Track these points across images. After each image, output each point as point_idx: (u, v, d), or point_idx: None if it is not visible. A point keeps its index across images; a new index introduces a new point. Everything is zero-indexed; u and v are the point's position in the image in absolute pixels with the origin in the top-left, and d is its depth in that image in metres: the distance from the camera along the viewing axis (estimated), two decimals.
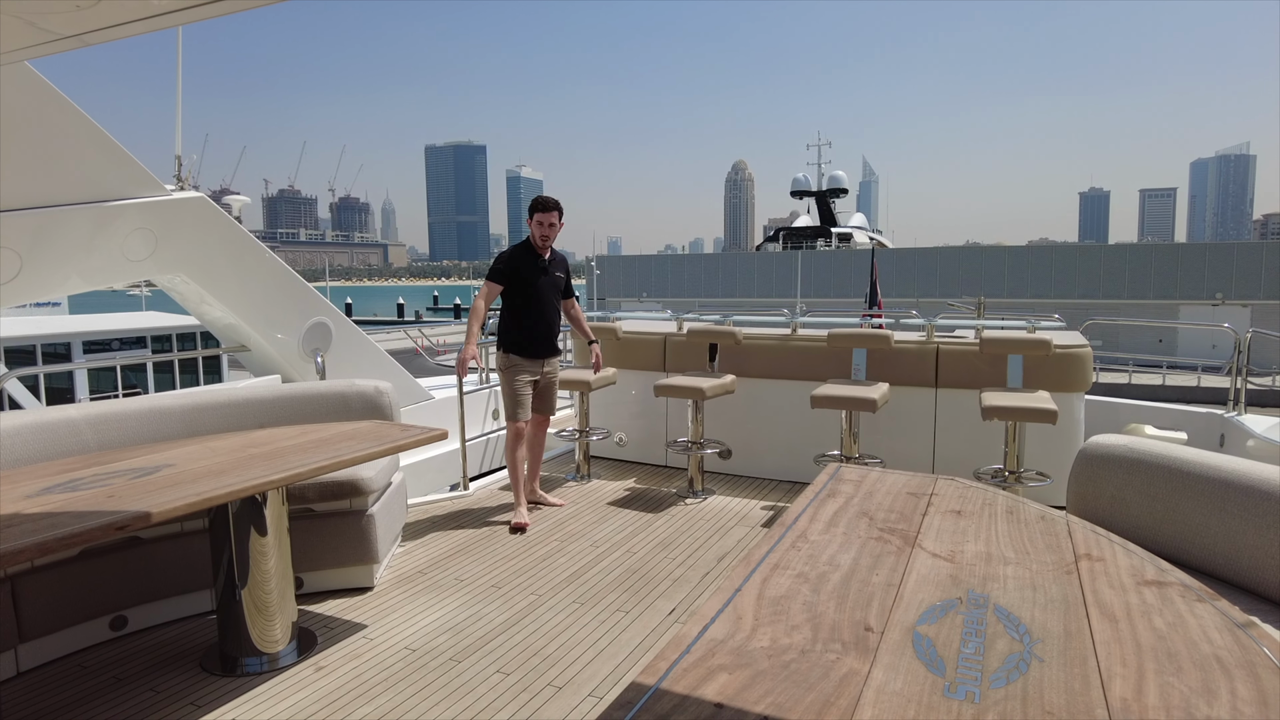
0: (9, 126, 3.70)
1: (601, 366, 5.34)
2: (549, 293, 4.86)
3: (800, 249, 40.42)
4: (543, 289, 4.82)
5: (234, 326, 5.14)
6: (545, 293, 4.83)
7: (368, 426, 3.55)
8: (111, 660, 3.17)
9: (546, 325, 4.86)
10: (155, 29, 2.83)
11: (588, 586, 3.78)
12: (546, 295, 4.84)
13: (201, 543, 3.44)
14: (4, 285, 3.86)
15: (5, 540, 2.12)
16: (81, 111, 3.99)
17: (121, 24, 2.76)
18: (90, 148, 4.08)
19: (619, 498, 5.21)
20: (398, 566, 4.07)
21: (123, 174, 4.26)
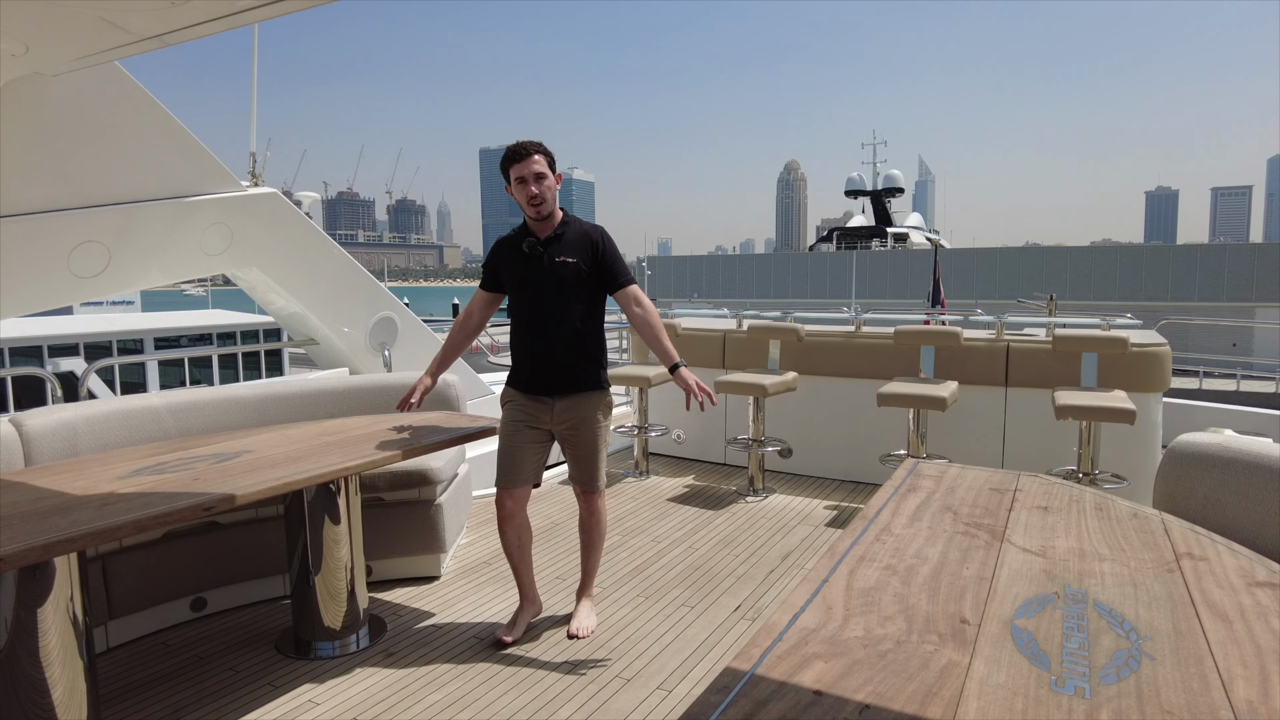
0: (99, 125, 3.84)
1: (704, 397, 3.03)
2: (557, 289, 3.10)
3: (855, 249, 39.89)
4: (542, 285, 3.10)
5: (303, 320, 5.26)
6: (547, 290, 3.10)
7: (438, 417, 3.59)
8: (193, 640, 3.26)
9: (551, 342, 3.12)
10: (232, 27, 2.91)
11: (651, 581, 3.76)
12: (550, 294, 3.10)
13: (276, 529, 3.52)
14: (95, 278, 4.01)
15: (104, 517, 2.20)
16: (165, 109, 4.13)
17: (201, 23, 2.84)
18: (172, 144, 4.21)
19: (678, 494, 5.19)
20: (463, 557, 4.11)
21: (201, 170, 4.39)
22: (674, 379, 3.10)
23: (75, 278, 3.95)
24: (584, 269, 3.12)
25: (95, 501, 2.38)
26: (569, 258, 3.10)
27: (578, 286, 3.12)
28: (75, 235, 3.88)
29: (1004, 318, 5.44)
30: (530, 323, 3.16)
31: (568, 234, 3.15)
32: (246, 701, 2.79)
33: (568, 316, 3.12)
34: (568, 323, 3.12)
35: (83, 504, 2.36)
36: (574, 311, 3.13)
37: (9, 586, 2.19)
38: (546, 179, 3.08)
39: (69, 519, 2.21)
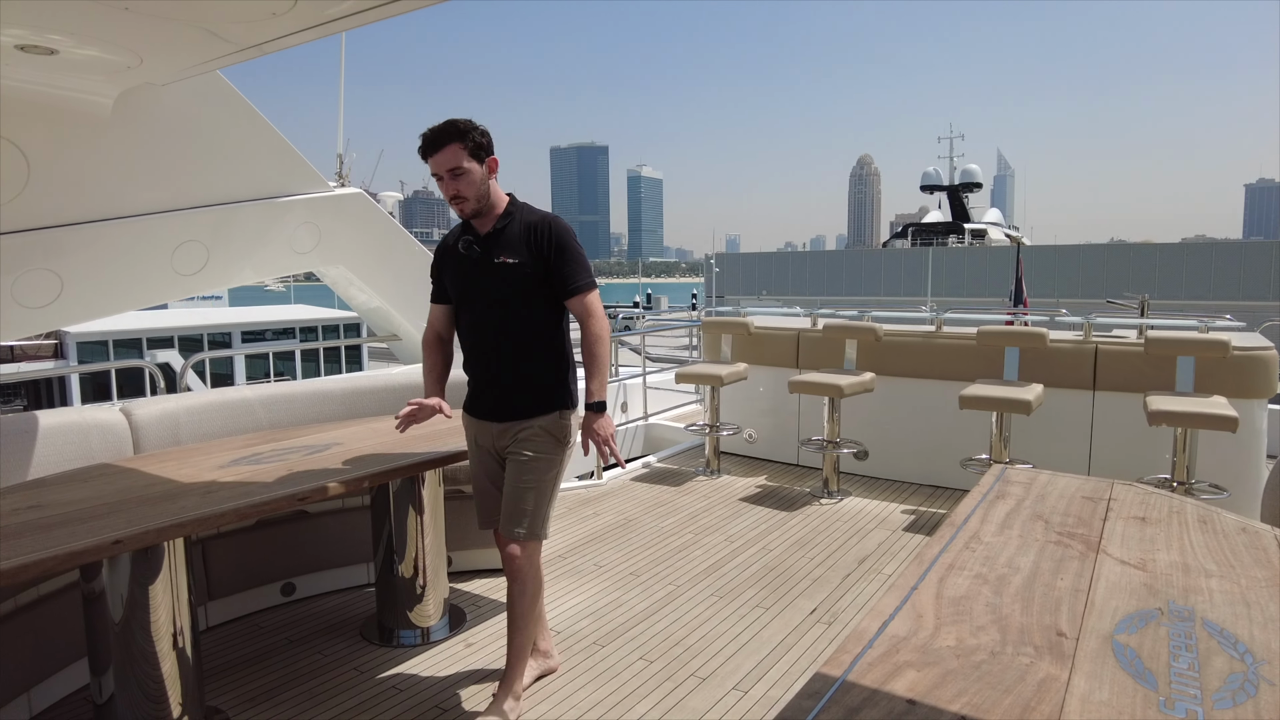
0: (200, 130, 4.03)
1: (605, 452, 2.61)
2: (496, 295, 2.59)
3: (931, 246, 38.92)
4: (480, 291, 2.62)
5: (387, 315, 5.42)
6: (485, 297, 2.61)
7: None
8: (283, 623, 3.40)
9: (492, 359, 2.63)
10: (322, 35, 3.01)
11: (726, 580, 3.76)
12: (489, 301, 2.60)
13: (362, 519, 3.64)
14: (194, 275, 4.22)
15: (208, 505, 2.31)
16: (259, 113, 4.30)
17: (295, 33, 2.94)
18: (265, 147, 4.39)
19: (751, 494, 5.16)
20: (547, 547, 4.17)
21: (292, 171, 4.57)
22: (585, 418, 2.61)
23: (177, 275, 4.16)
24: (528, 270, 2.56)
25: (199, 489, 2.51)
26: (509, 257, 2.56)
27: (521, 291, 2.56)
28: (178, 235, 4.08)
29: (1092, 318, 5.24)
30: (470, 335, 2.67)
31: (510, 228, 2.60)
32: (333, 685, 2.89)
33: (511, 327, 2.59)
34: (511, 335, 2.59)
35: (188, 491, 2.49)
36: (518, 321, 2.59)
37: (125, 566, 2.32)
38: (465, 174, 2.51)
39: (177, 505, 2.34)
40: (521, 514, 2.60)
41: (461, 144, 2.51)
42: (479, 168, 2.55)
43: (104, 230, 3.80)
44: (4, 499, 2.48)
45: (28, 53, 2.84)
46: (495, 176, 2.62)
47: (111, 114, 3.52)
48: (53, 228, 3.62)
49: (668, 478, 5.54)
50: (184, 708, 2.46)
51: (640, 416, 7.04)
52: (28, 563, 1.93)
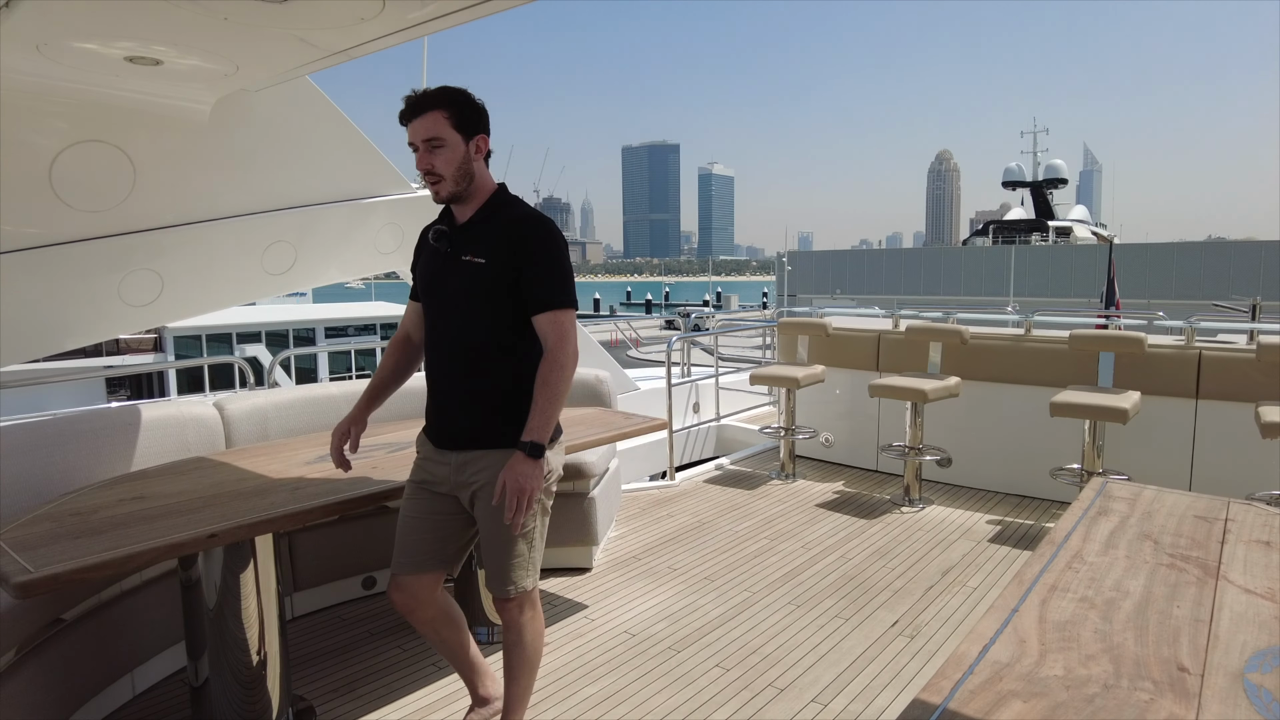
0: (290, 134, 4.15)
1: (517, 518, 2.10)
2: (459, 298, 2.23)
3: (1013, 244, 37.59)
4: (443, 292, 2.27)
5: None
6: (448, 299, 2.26)
7: (593, 413, 3.65)
8: (364, 616, 3.48)
9: (450, 375, 2.28)
10: (407, 40, 3.05)
11: (803, 588, 3.68)
12: (450, 305, 2.25)
13: None
14: (283, 275, 4.35)
15: (297, 501, 2.37)
16: (345, 116, 4.41)
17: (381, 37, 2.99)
18: (351, 150, 4.49)
19: (828, 500, 5.05)
20: (613, 550, 4.17)
21: (376, 173, 4.66)
22: (511, 462, 2.10)
23: (268, 274, 4.30)
24: (494, 274, 2.15)
25: (288, 485, 2.58)
26: (477, 255, 2.16)
27: (487, 297, 2.17)
28: (268, 236, 4.22)
29: (1194, 322, 4.95)
30: (428, 339, 2.33)
31: (488, 223, 2.20)
32: (413, 679, 2.94)
33: (473, 338, 2.19)
34: (473, 347, 2.20)
35: (278, 487, 2.56)
36: (480, 331, 2.19)
37: (218, 556, 2.40)
38: (444, 147, 2.12)
39: (267, 500, 2.40)
40: (509, 571, 2.25)
41: (445, 111, 2.12)
42: (462, 143, 2.15)
43: (200, 232, 3.95)
44: (113, 489, 2.60)
45: (135, 64, 2.96)
46: (483, 160, 2.23)
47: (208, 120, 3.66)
48: (154, 230, 3.78)
49: (741, 480, 5.47)
50: (273, 695, 2.53)
51: (712, 417, 6.97)
52: (133, 553, 2.01)
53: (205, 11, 2.47)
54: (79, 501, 2.47)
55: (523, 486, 2.07)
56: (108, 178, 3.50)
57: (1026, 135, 50.64)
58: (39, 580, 1.86)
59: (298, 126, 4.17)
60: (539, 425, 2.11)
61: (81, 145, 3.34)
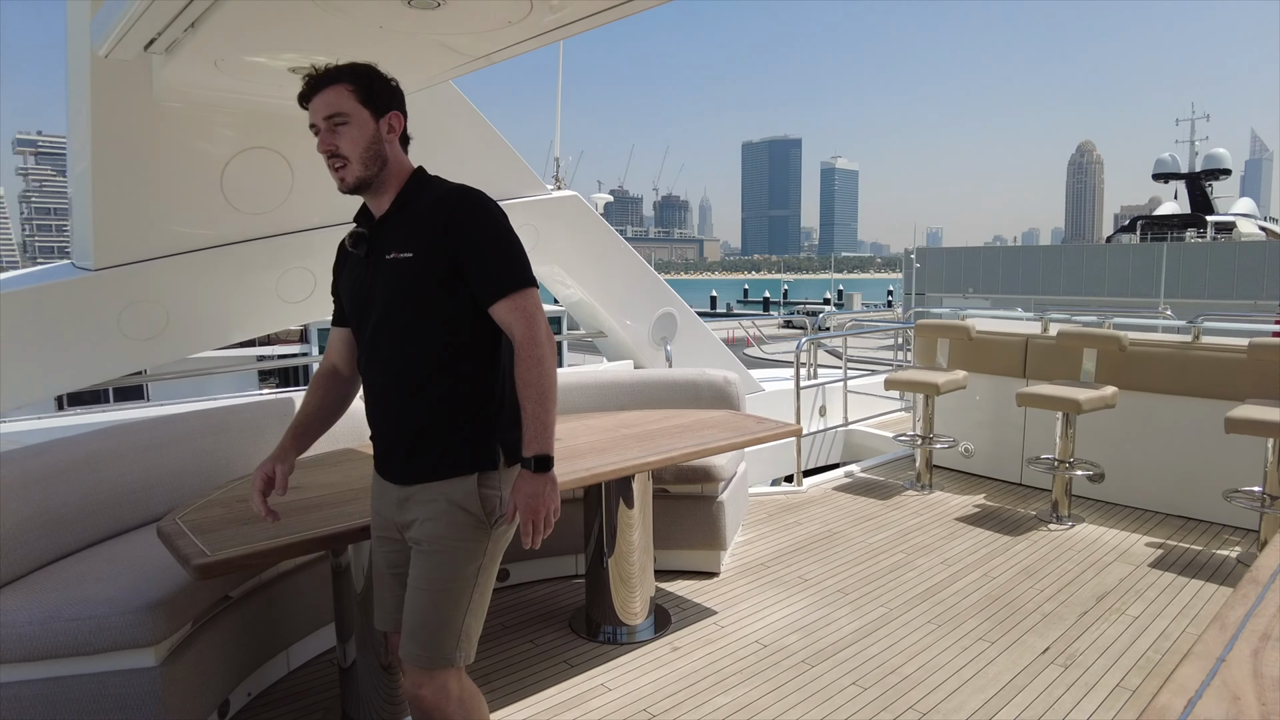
0: (433, 138, 4.29)
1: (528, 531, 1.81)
2: (385, 304, 1.87)
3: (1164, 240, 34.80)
4: (367, 299, 1.92)
5: (594, 312, 5.55)
6: (370, 309, 1.91)
7: (724, 416, 3.60)
8: (498, 608, 3.55)
9: (381, 394, 1.92)
10: (544, 44, 3.07)
11: (944, 606, 3.49)
12: (375, 313, 1.89)
13: (571, 510, 3.72)
14: None
15: None
16: (485, 119, 4.52)
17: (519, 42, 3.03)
18: (490, 152, 4.61)
19: (968, 514, 4.79)
20: (741, 555, 4.10)
21: (514, 175, 4.77)
22: (517, 479, 1.82)
23: None
24: (422, 267, 1.82)
25: None
26: (401, 250, 1.83)
27: (415, 297, 1.83)
28: None
29: None
30: (361, 362, 1.97)
31: (409, 210, 1.88)
32: (545, 675, 2.97)
33: (405, 349, 1.86)
34: (406, 359, 1.86)
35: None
36: (414, 341, 1.85)
37: (365, 545, 2.49)
38: (348, 124, 1.83)
39: None
40: (421, 629, 1.81)
41: (350, 85, 1.84)
42: (371, 120, 1.85)
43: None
44: None
45: (296, 74, 3.12)
46: (398, 142, 1.92)
47: None
48: (308, 230, 3.99)
49: (873, 489, 5.27)
50: None
51: (840, 422, 6.77)
52: (294, 542, 2.12)
53: (363, 21, 2.56)
54: (243, 490, 2.63)
55: (535, 506, 1.78)
56: (270, 182, 3.72)
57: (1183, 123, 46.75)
58: (216, 563, 1.99)
59: (441, 129, 4.31)
60: (536, 435, 1.79)
61: (249, 152, 3.56)
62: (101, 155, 3.20)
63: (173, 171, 3.38)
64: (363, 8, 2.46)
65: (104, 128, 3.14)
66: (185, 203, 3.51)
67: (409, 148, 2.00)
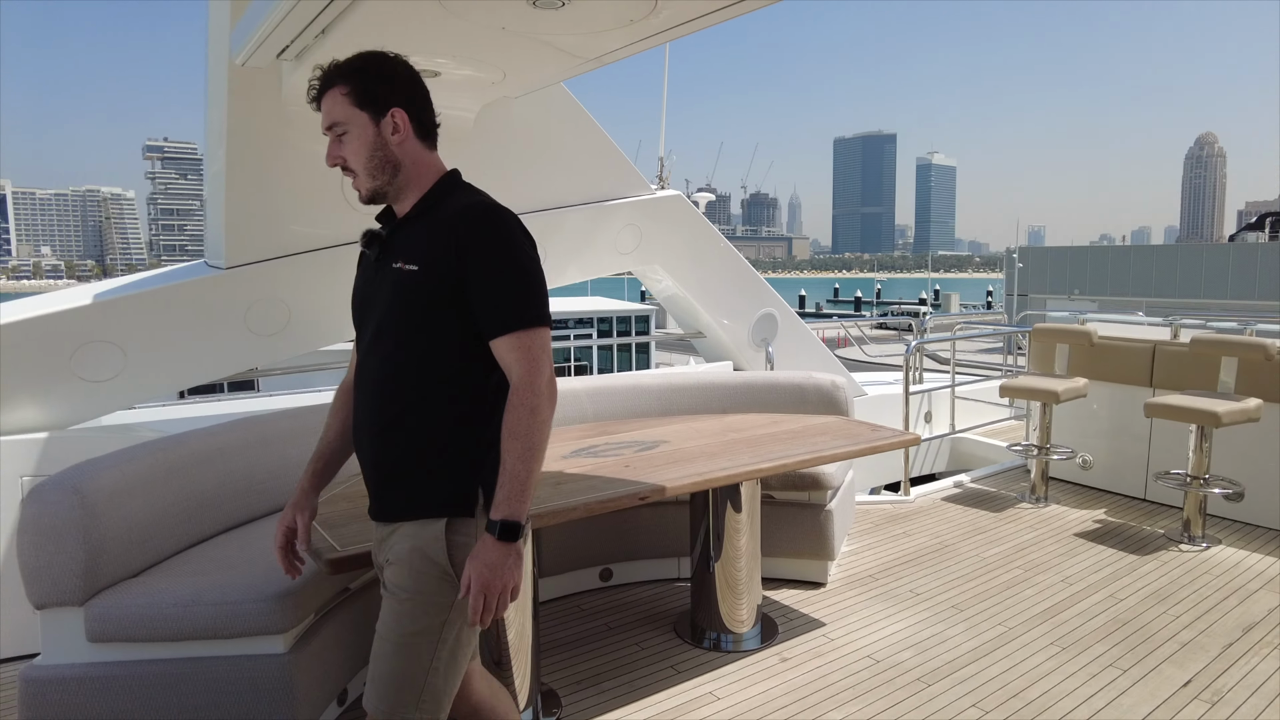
0: (543, 139, 4.33)
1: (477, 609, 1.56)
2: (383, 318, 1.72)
3: None
4: (368, 310, 1.78)
5: (694, 313, 5.51)
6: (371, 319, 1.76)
7: (836, 423, 3.50)
8: (602, 608, 3.56)
9: (366, 419, 1.75)
10: (652, 46, 3.04)
11: (1067, 629, 3.31)
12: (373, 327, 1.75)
13: (675, 513, 3.70)
14: None
15: (561, 496, 2.45)
16: (593, 120, 4.54)
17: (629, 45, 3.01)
18: (597, 153, 4.63)
19: (1088, 530, 4.53)
20: (848, 566, 3.99)
21: (619, 175, 4.77)
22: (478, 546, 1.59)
23: None
24: (427, 285, 1.65)
25: (549, 480, 2.67)
26: (407, 261, 1.68)
27: (422, 314, 1.67)
28: None
29: None
30: (357, 381, 1.79)
31: (427, 217, 1.72)
32: (652, 680, 2.95)
33: (392, 367, 1.70)
34: (390, 378, 1.70)
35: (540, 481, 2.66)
36: (408, 362, 1.68)
37: None
38: (351, 133, 1.69)
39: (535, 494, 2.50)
40: (378, 679, 1.66)
41: (344, 86, 1.68)
42: (370, 124, 1.68)
43: None
44: None
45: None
46: (414, 139, 1.73)
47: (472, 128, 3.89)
48: None
49: (984, 501, 5.06)
50: (525, 678, 2.64)
51: (947, 430, 6.53)
52: None
53: (485, 23, 2.59)
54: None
55: (489, 581, 1.54)
56: None
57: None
58: (345, 559, 2.04)
59: (550, 131, 4.35)
60: (510, 495, 1.56)
61: None
62: (234, 159, 3.35)
63: (298, 174, 3.51)
64: (486, 9, 2.49)
65: (237, 133, 3.29)
66: (308, 204, 3.65)
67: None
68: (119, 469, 2.50)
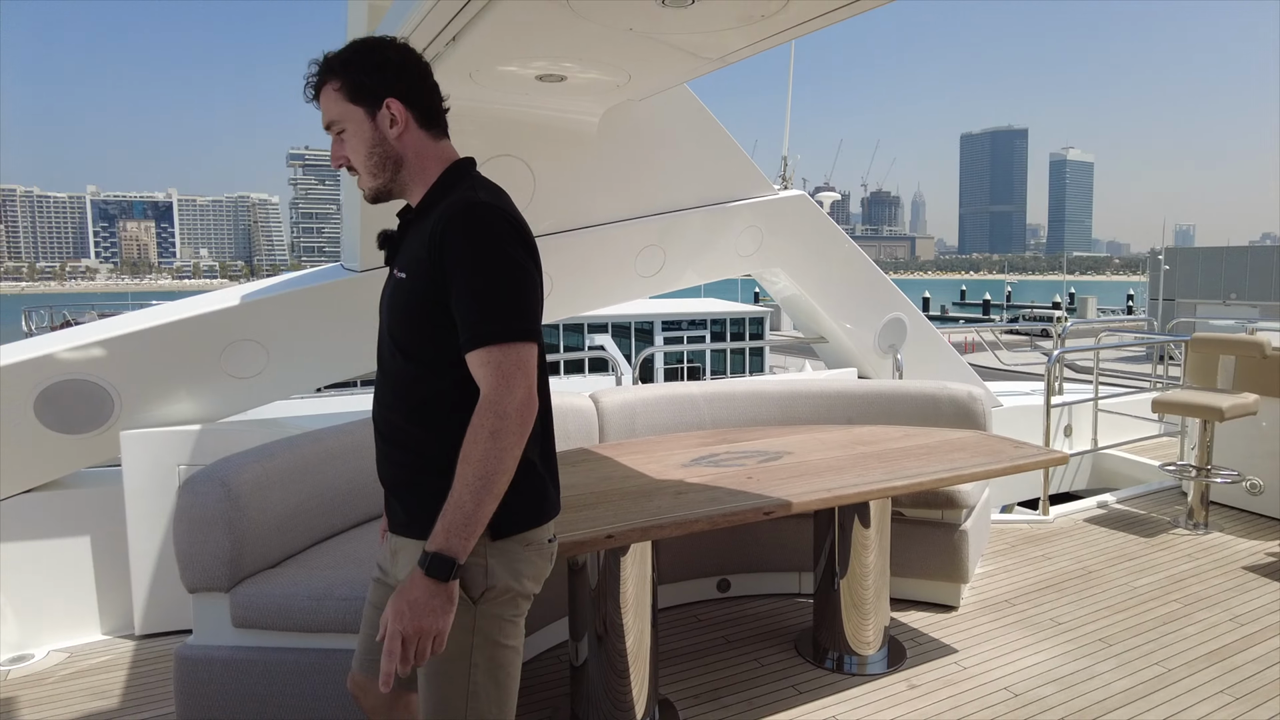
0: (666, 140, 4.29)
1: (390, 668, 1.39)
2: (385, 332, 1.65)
3: None
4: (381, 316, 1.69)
5: (816, 317, 5.35)
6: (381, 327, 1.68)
7: (974, 438, 3.29)
8: (720, 620, 3.48)
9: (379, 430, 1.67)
10: (789, 39, 2.92)
11: (1241, 675, 2.98)
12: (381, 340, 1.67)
13: (798, 525, 3.58)
14: (651, 278, 4.54)
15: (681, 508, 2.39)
16: (716, 120, 4.46)
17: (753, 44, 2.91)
18: (720, 154, 4.54)
19: (1259, 563, 4.09)
20: (982, 589, 3.75)
21: (742, 176, 4.67)
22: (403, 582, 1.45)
23: (639, 277, 4.51)
24: (414, 292, 1.56)
25: (669, 489, 2.61)
26: (401, 268, 1.61)
27: (413, 325, 1.57)
28: (641, 240, 4.41)
29: None
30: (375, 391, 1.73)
31: (424, 216, 1.60)
32: (772, 699, 2.85)
33: (392, 383, 1.62)
34: (393, 394, 1.62)
35: (660, 490, 2.61)
36: (412, 371, 1.59)
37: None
38: (349, 130, 1.60)
39: (654, 504, 2.45)
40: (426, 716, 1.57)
41: (336, 81, 1.58)
42: (366, 118, 1.58)
43: (583, 237, 4.24)
44: None
45: (543, 82, 3.21)
46: (416, 128, 1.62)
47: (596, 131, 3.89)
48: (545, 235, 4.12)
49: (1133, 524, 4.66)
50: (643, 686, 2.59)
51: (1089, 446, 6.08)
52: None
53: (613, 24, 2.56)
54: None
55: (406, 625, 1.39)
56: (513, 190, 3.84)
57: None
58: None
59: (673, 133, 4.30)
60: (450, 527, 1.41)
61: (495, 160, 3.72)
62: None
63: None
64: (614, 9, 2.46)
65: None
66: None
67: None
68: (260, 464, 2.62)
